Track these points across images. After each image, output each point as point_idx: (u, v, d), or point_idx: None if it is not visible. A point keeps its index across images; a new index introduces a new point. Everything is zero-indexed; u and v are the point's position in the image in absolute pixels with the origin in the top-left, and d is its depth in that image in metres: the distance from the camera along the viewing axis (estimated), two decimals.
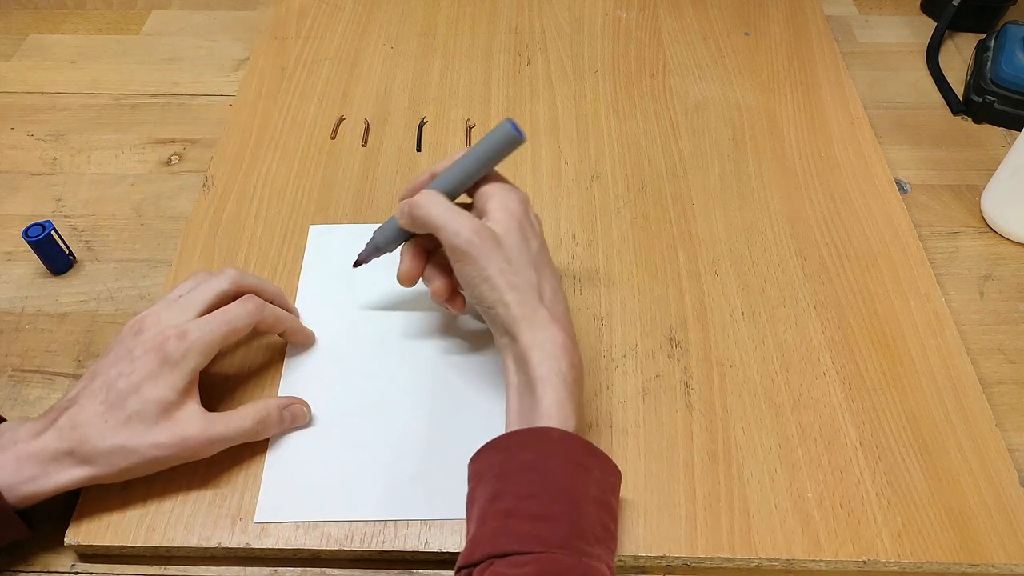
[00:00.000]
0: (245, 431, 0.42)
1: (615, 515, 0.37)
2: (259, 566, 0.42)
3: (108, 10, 0.77)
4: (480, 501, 0.36)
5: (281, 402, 0.44)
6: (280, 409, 0.44)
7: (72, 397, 0.40)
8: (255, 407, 0.43)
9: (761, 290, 0.52)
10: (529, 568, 0.33)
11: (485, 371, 0.47)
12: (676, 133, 0.63)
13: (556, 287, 0.41)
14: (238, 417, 0.42)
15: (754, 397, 0.47)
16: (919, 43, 0.74)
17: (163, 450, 0.40)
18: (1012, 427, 0.47)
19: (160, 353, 0.40)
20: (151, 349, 0.40)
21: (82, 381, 0.41)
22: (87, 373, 0.41)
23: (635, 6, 0.76)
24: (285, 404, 0.44)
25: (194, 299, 0.43)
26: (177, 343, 0.40)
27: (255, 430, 0.43)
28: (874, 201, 0.58)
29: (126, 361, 0.40)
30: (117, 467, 0.39)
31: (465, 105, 0.66)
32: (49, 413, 0.40)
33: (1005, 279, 0.55)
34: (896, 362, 0.48)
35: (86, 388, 0.40)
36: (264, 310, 0.44)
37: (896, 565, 0.41)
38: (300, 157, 0.61)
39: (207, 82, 0.70)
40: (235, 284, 0.44)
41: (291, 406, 0.44)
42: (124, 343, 0.41)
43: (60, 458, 0.39)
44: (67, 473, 0.39)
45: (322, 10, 0.75)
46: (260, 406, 0.43)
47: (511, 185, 0.43)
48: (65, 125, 0.65)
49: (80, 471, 0.39)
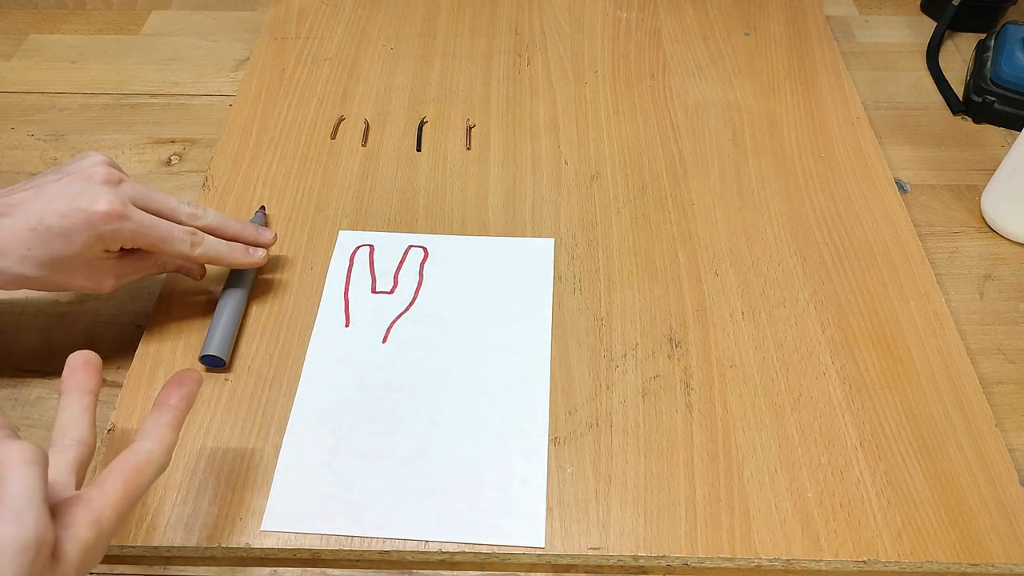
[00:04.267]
0: (150, 272, 0.48)
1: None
2: (259, 566, 0.42)
3: (108, 10, 0.77)
4: None
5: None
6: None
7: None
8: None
9: (761, 290, 0.52)
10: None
11: (505, 390, 0.47)
12: (676, 133, 0.63)
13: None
14: (146, 260, 0.47)
15: (754, 397, 0.47)
16: (919, 43, 0.74)
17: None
18: (1012, 427, 0.47)
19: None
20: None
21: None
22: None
23: (635, 6, 0.76)
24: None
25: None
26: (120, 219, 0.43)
27: (158, 271, 0.48)
28: (874, 201, 0.58)
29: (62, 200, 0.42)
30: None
31: (465, 105, 0.66)
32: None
33: (1005, 279, 0.55)
34: (896, 362, 0.48)
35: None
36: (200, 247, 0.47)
37: (896, 565, 0.41)
38: (300, 157, 0.61)
39: (207, 82, 0.70)
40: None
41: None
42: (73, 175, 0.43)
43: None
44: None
45: (322, 10, 0.75)
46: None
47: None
48: (65, 125, 0.65)
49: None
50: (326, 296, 0.52)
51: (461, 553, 0.41)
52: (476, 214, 0.57)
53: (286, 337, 0.50)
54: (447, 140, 0.63)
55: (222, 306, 0.49)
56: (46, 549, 0.29)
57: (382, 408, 0.46)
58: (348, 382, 0.47)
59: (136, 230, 0.43)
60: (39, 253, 0.42)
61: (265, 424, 0.45)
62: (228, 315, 0.48)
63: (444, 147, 0.62)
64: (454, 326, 0.50)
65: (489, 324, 0.50)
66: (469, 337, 0.50)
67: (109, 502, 0.32)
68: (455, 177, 0.60)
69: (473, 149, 0.62)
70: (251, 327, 0.50)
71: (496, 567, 0.42)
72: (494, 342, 0.49)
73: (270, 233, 0.51)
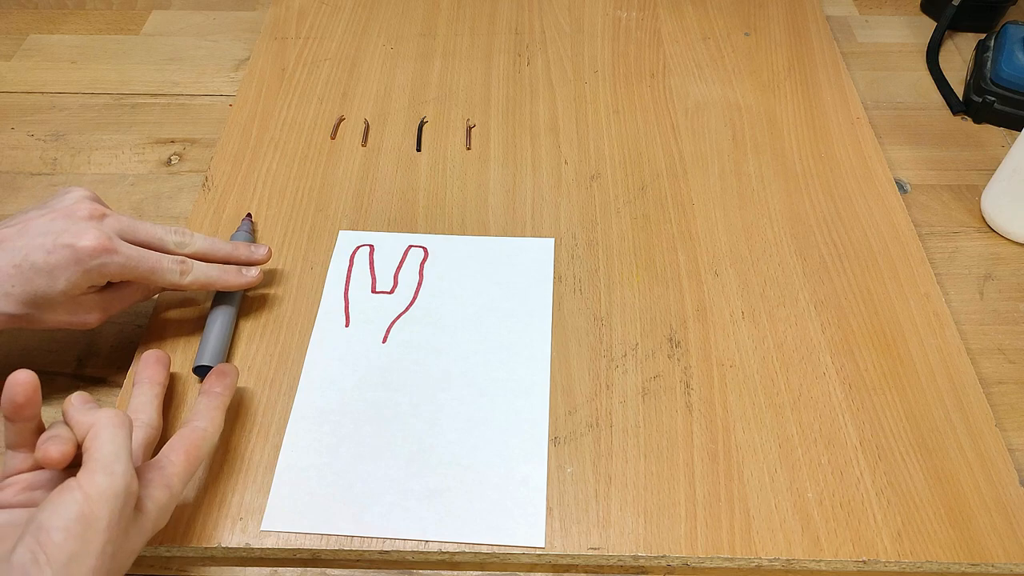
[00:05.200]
0: (136, 300, 0.47)
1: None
2: (259, 566, 0.42)
3: (108, 10, 0.77)
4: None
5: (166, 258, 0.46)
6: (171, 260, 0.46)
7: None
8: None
9: (761, 290, 0.52)
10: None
11: (505, 389, 0.47)
12: (676, 133, 0.63)
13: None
14: (130, 290, 0.46)
15: (754, 397, 0.47)
16: (919, 43, 0.74)
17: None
18: (1012, 427, 0.47)
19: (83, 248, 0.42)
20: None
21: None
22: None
23: (635, 6, 0.76)
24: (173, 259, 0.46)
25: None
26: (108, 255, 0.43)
27: (144, 297, 0.47)
28: (874, 201, 0.58)
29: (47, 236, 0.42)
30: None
31: (465, 105, 0.66)
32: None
33: (1005, 279, 0.55)
34: (896, 362, 0.48)
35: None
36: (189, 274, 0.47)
37: (896, 565, 0.41)
38: (300, 157, 0.61)
39: (207, 82, 0.70)
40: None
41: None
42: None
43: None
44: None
45: (322, 10, 0.75)
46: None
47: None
48: (65, 125, 0.65)
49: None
50: (326, 296, 0.52)
51: (461, 553, 0.41)
52: (476, 214, 0.57)
53: (286, 337, 0.50)
54: (447, 140, 0.63)
55: (213, 316, 0.49)
56: (132, 499, 0.34)
57: (382, 408, 0.46)
58: (348, 382, 0.47)
59: (124, 264, 0.43)
60: (22, 290, 0.41)
61: (265, 424, 0.45)
62: (220, 325, 0.48)
63: (444, 147, 0.62)
64: (454, 326, 0.50)
65: (489, 324, 0.50)
66: (469, 337, 0.50)
67: (176, 471, 0.38)
68: (455, 177, 0.60)
69: (473, 149, 0.62)
70: (251, 327, 0.50)
71: (496, 567, 0.42)
72: (494, 342, 0.49)
73: (263, 249, 0.50)
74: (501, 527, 0.41)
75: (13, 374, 0.35)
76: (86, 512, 0.32)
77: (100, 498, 0.32)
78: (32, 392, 0.35)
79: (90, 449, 0.33)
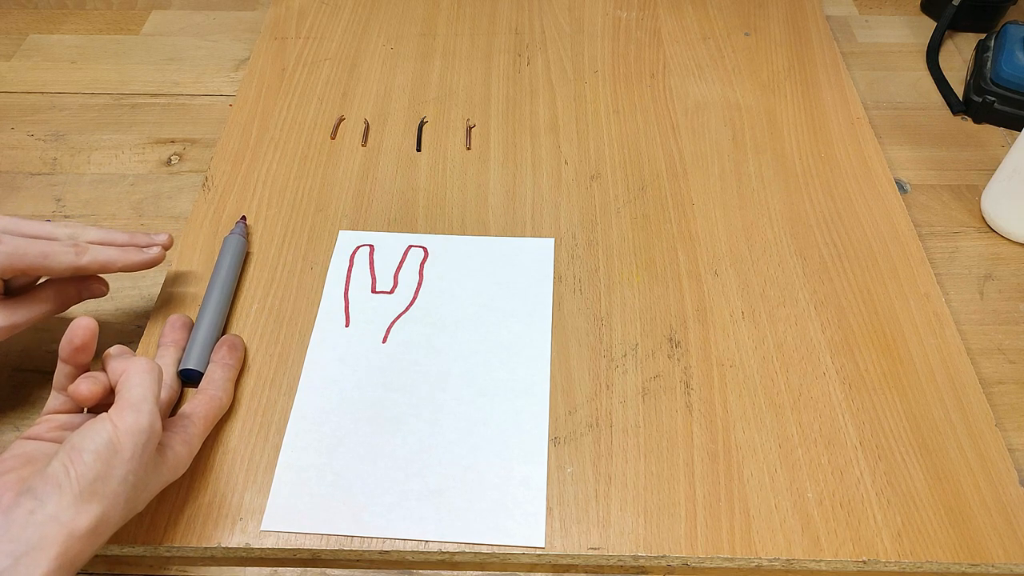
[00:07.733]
0: (47, 312, 0.45)
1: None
2: (259, 566, 0.42)
3: (108, 10, 0.77)
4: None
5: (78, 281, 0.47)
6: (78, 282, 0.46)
7: None
8: (53, 286, 0.45)
9: (761, 290, 0.52)
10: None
11: (505, 389, 0.47)
12: (676, 133, 0.63)
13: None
14: (38, 299, 0.45)
15: (754, 397, 0.47)
16: (919, 43, 0.74)
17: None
18: (1012, 427, 0.47)
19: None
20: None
21: None
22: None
23: (635, 6, 0.76)
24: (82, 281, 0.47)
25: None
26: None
27: (56, 308, 0.45)
28: (874, 201, 0.58)
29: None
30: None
31: (465, 105, 0.66)
32: None
33: (1005, 279, 0.55)
34: (896, 362, 0.48)
35: None
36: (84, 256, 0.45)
37: (896, 565, 0.41)
38: (300, 157, 0.61)
39: (207, 82, 0.70)
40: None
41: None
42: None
43: None
44: None
45: (322, 10, 0.75)
46: (57, 285, 0.46)
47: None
48: (65, 125, 0.65)
49: None
50: (326, 296, 0.52)
51: (461, 553, 0.41)
52: (476, 214, 0.57)
53: (286, 337, 0.50)
54: (447, 140, 0.63)
55: (200, 319, 0.48)
56: (155, 438, 0.37)
57: (382, 408, 0.46)
58: (348, 382, 0.47)
59: (12, 252, 0.42)
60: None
61: (265, 424, 0.45)
62: (206, 328, 0.48)
63: (444, 147, 0.62)
64: (454, 326, 0.50)
65: (489, 324, 0.50)
66: (469, 337, 0.50)
67: (196, 431, 0.41)
68: (455, 177, 0.60)
69: (473, 149, 0.62)
70: (251, 327, 0.50)
71: (496, 567, 0.42)
72: (494, 342, 0.49)
73: (164, 235, 0.49)
74: (501, 527, 0.41)
75: (78, 319, 0.39)
76: (114, 440, 0.35)
77: (127, 431, 0.35)
78: (90, 338, 0.39)
79: (122, 390, 0.37)
